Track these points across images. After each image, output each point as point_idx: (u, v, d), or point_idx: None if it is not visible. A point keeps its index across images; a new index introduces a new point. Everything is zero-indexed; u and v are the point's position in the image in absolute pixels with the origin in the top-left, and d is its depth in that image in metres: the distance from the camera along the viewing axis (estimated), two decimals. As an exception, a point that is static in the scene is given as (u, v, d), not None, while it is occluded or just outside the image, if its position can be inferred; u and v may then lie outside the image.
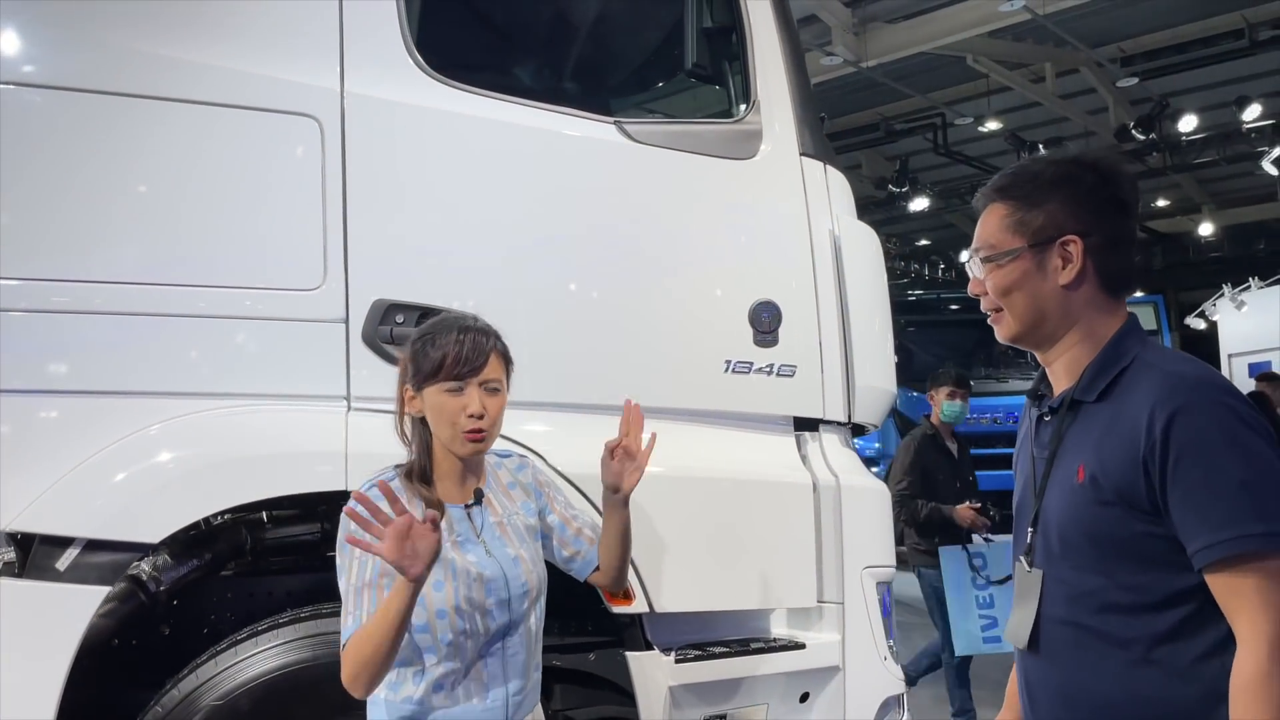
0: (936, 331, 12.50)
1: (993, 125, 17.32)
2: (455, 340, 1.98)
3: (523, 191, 2.74)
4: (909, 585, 10.27)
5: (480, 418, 1.96)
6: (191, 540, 2.84)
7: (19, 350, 2.33)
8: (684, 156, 2.83)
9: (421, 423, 2.04)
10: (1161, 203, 22.42)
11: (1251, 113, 13.01)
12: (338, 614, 2.54)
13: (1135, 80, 15.56)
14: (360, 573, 1.92)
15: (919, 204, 16.41)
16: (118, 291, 2.40)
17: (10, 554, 2.65)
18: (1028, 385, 7.62)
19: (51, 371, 2.37)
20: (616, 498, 2.12)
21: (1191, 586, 1.45)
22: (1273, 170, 12.01)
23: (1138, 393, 1.51)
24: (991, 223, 1.69)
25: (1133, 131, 13.72)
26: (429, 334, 2.03)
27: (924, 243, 23.78)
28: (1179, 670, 1.46)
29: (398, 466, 2.06)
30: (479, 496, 2.07)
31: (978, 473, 11.36)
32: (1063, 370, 1.67)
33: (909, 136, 18.16)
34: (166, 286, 2.43)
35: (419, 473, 2.02)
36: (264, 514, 3.01)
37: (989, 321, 1.74)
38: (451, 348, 1.97)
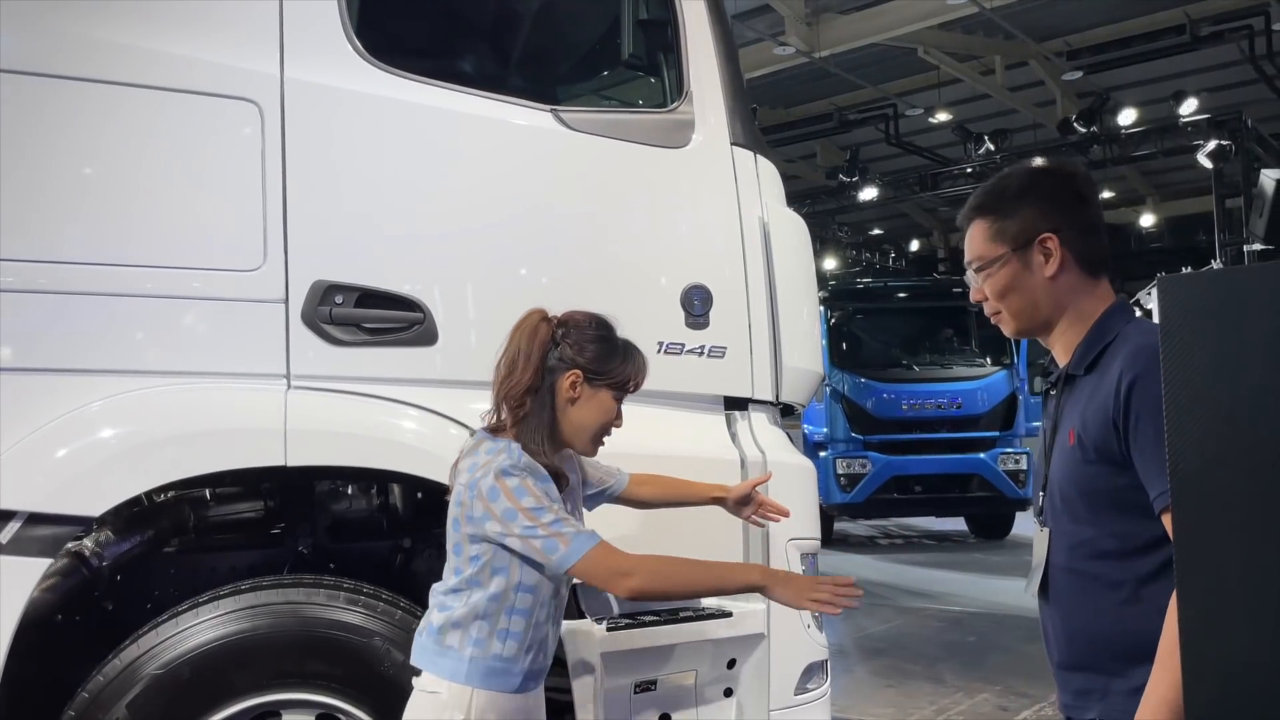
0: (885, 319, 12.71)
1: (943, 116, 17.57)
2: (641, 360, 2.27)
3: (459, 176, 2.82)
4: (848, 564, 10.50)
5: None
6: (134, 517, 2.89)
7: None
8: (619, 144, 2.92)
9: (549, 400, 2.17)
10: (1106, 194, 22.86)
11: (1188, 107, 13.33)
12: (278, 586, 2.63)
13: (1080, 74, 15.88)
14: (538, 503, 2.07)
15: (869, 193, 16.61)
16: (60, 271, 2.46)
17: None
18: (972, 372, 8.00)
19: (12, 347, 2.42)
20: (720, 503, 2.60)
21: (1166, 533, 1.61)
22: (1207, 163, 12.32)
23: (1114, 363, 1.70)
24: (977, 237, 1.89)
25: (1075, 124, 14.00)
26: (616, 342, 2.24)
27: (876, 232, 24.07)
28: (1161, 607, 1.59)
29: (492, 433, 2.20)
30: (568, 481, 2.24)
31: (927, 458, 11.62)
32: (1061, 350, 1.86)
33: (862, 126, 18.39)
34: (108, 266, 2.49)
35: (544, 450, 2.14)
36: (207, 492, 3.07)
37: (993, 321, 1.93)
38: (642, 371, 2.27)
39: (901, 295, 13.28)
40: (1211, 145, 12.23)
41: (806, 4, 14.11)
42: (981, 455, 11.56)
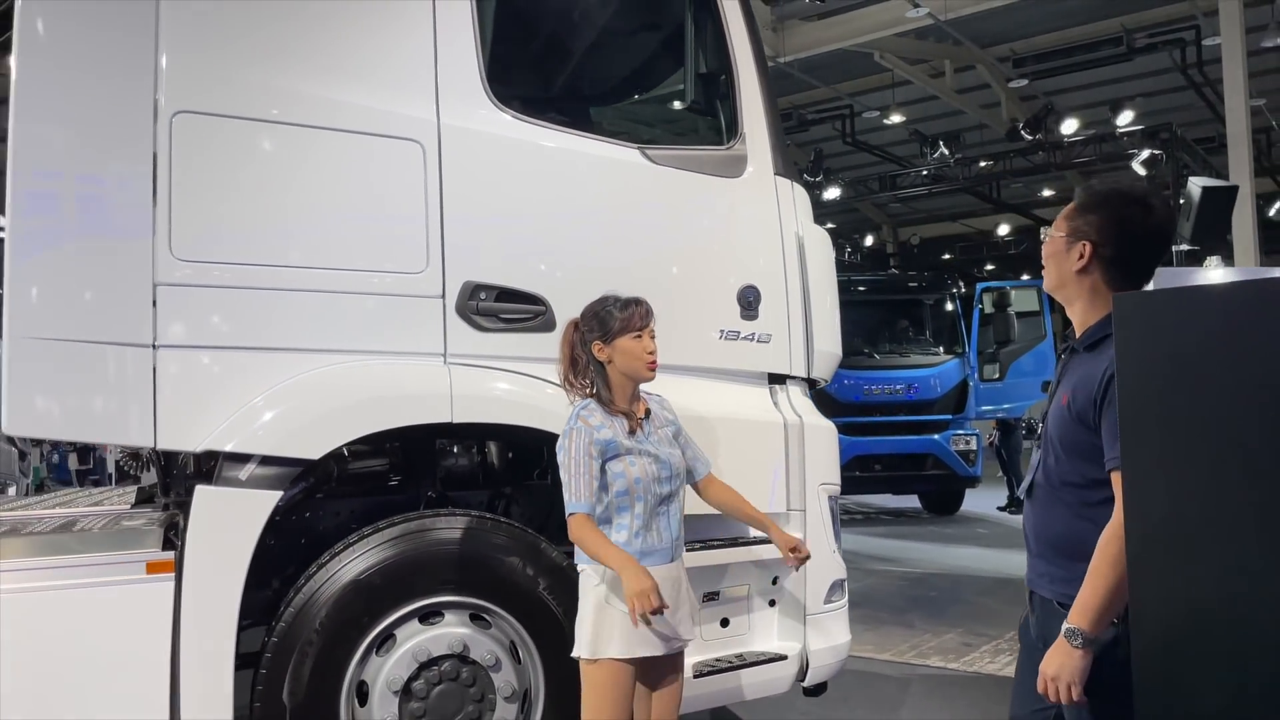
0: (848, 311, 13.51)
1: (896, 118, 18.55)
2: (634, 304, 3.04)
3: (570, 199, 3.60)
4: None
5: (654, 353, 3.03)
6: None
7: (215, 315, 3.12)
8: (690, 175, 3.72)
9: (601, 366, 3.03)
10: (1047, 193, 24.11)
11: (1124, 118, 14.39)
12: (438, 516, 3.38)
13: (1026, 82, 16.93)
14: (571, 465, 2.92)
15: (831, 193, 17.56)
16: (281, 273, 3.19)
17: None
18: (927, 360, 9.18)
19: (235, 331, 3.15)
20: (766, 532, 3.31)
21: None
22: (1141, 170, 13.38)
23: (1105, 354, 2.25)
24: (1064, 211, 2.40)
25: (1022, 132, 15.02)
26: (608, 304, 3.04)
27: (830, 226, 25.04)
28: (1100, 524, 2.24)
29: (585, 397, 3.05)
30: (648, 414, 3.10)
31: (886, 439, 12.50)
32: (1077, 324, 2.38)
33: (818, 125, 19.32)
34: (316, 270, 3.23)
35: (610, 399, 3.04)
36: (345, 449, 3.80)
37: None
38: (633, 308, 3.03)
39: (862, 289, 14.20)
40: (1145, 154, 13.31)
41: (773, 11, 14.96)
42: (935, 437, 12.52)
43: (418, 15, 3.42)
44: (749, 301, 3.75)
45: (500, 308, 3.43)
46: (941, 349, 13.17)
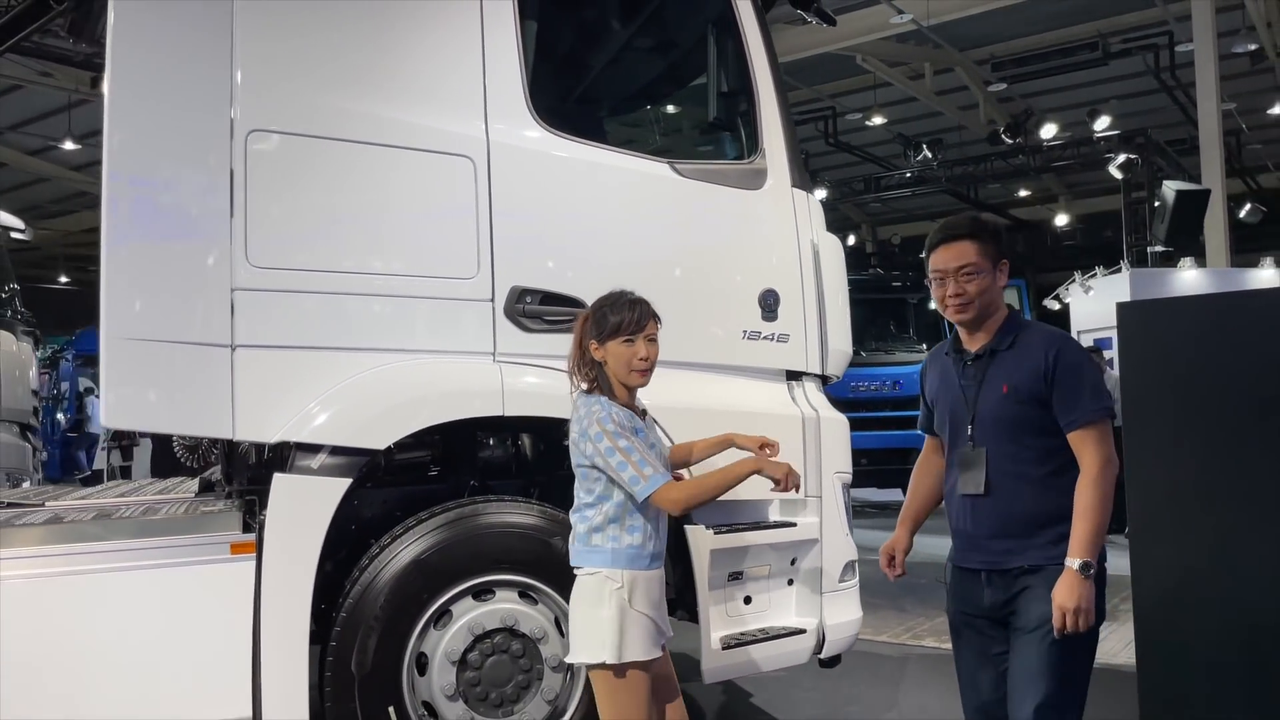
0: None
1: (878, 120, 18.92)
2: (628, 308, 3.02)
3: (607, 210, 3.90)
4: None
5: (645, 360, 3.02)
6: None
7: (287, 318, 3.40)
8: (715, 188, 4.03)
9: (599, 365, 3.04)
10: (1023, 193, 24.59)
11: (1101, 123, 14.82)
12: (488, 501, 3.66)
13: (1004, 85, 17.34)
14: (626, 447, 2.89)
15: (818, 194, 17.90)
16: (346, 278, 3.47)
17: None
18: (912, 358, 9.70)
19: (305, 332, 3.43)
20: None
21: (1065, 445, 2.75)
22: (1118, 174, 13.80)
23: (1035, 342, 2.81)
24: (971, 251, 2.87)
25: (1003, 136, 15.42)
26: (608, 304, 3.05)
27: (812, 225, 25.35)
28: (1063, 490, 2.71)
29: (588, 389, 3.05)
30: (644, 414, 3.16)
31: (872, 434, 12.84)
32: (984, 334, 2.92)
33: (801, 125, 19.66)
34: (378, 275, 3.52)
35: (611, 392, 3.02)
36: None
37: (956, 306, 2.89)
38: (626, 314, 3.00)
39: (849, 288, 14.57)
40: (1121, 159, 13.74)
41: (759, 15, 15.27)
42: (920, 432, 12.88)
43: (468, 42, 3.71)
44: (769, 304, 4.06)
45: (544, 310, 3.72)
46: (926, 346, 13.55)
